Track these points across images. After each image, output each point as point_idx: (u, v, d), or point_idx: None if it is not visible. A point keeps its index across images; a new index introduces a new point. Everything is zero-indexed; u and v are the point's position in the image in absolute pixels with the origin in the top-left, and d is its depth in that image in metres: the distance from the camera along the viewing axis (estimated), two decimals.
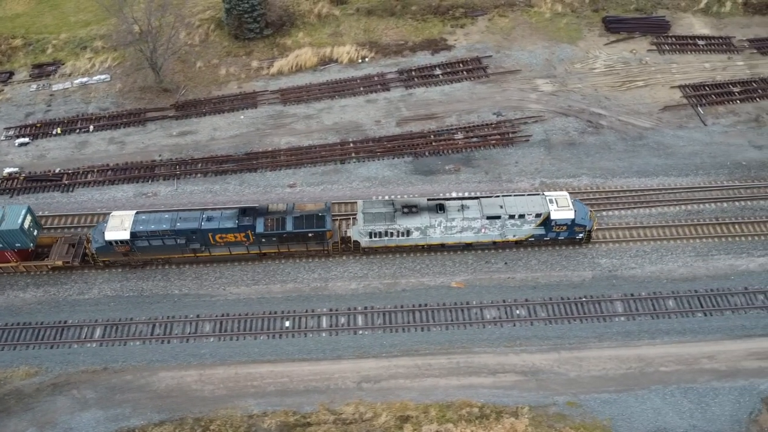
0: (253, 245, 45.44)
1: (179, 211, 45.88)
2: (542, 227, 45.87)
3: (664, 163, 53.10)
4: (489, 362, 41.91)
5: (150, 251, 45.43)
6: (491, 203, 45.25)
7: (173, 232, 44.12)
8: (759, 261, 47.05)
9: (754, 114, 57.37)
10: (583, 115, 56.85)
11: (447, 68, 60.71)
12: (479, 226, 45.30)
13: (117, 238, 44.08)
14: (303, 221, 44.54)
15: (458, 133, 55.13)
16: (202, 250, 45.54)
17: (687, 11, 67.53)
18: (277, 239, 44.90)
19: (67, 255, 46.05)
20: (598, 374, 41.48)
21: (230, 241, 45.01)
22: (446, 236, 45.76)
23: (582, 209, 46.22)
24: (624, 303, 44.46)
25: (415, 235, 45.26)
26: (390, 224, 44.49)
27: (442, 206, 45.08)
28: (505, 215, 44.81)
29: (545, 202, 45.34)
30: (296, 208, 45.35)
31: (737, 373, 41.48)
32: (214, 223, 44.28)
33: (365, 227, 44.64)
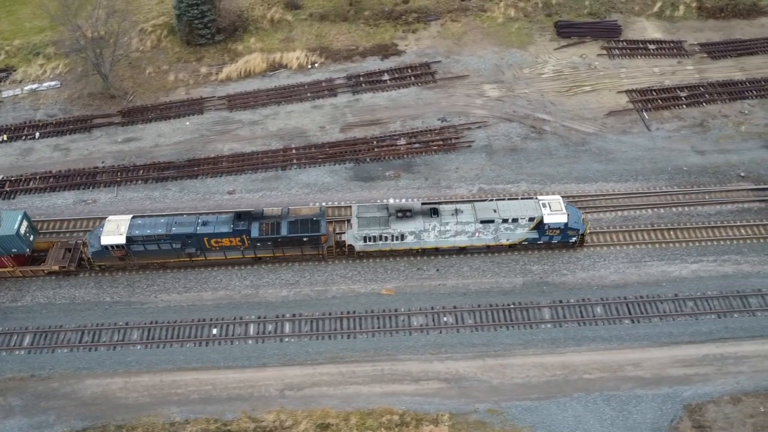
0: (249, 250, 45.91)
1: (175, 216, 46.41)
2: (535, 231, 46.17)
3: (605, 169, 53.12)
4: (413, 369, 42.02)
5: (146, 256, 45.87)
6: (485, 207, 45.78)
7: (169, 236, 44.55)
8: (692, 267, 47.09)
9: (699, 119, 57.36)
10: (528, 120, 56.90)
11: (395, 74, 60.81)
12: (473, 230, 45.68)
13: (113, 242, 44.50)
14: (298, 226, 44.98)
15: (401, 139, 55.22)
16: (197, 254, 45.98)
17: (641, 15, 67.49)
18: (272, 244, 45.38)
19: (63, 260, 46.54)
20: (521, 381, 41.57)
21: (225, 245, 45.48)
22: (440, 240, 46.16)
23: (575, 213, 46.58)
24: (552, 310, 44.51)
25: (410, 239, 45.69)
26: (384, 228, 44.97)
27: (436, 210, 45.62)
28: (498, 219, 45.22)
29: (538, 206, 45.73)
30: (291, 212, 45.87)
31: (661, 380, 41.54)
32: (209, 227, 44.74)
33: (359, 231, 45.08)
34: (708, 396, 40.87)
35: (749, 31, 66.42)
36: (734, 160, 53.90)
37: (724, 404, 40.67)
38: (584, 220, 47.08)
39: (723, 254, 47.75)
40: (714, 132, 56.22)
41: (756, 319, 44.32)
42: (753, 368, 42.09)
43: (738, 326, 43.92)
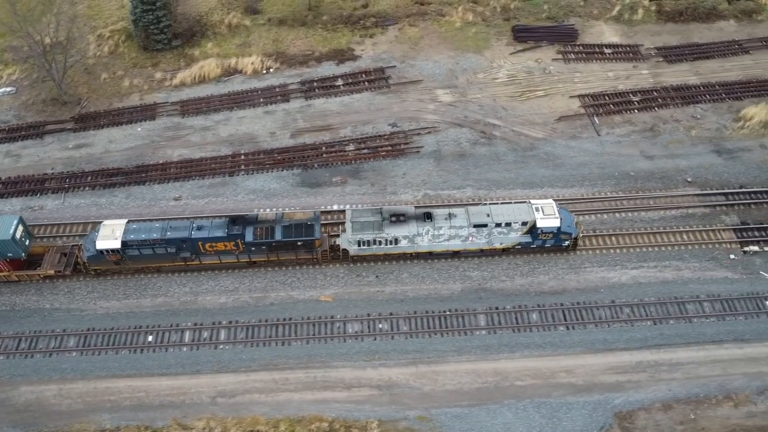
0: (243, 254, 46.27)
1: (170, 220, 46.85)
2: (528, 235, 46.40)
3: (552, 174, 53.13)
4: (346, 376, 42.12)
5: (141, 260, 46.21)
6: (478, 211, 46.09)
7: (164, 241, 44.93)
8: (632, 273, 47.11)
9: (650, 123, 57.33)
10: (478, 125, 56.94)
11: (349, 79, 60.89)
12: (466, 234, 45.97)
13: (108, 247, 44.84)
14: (292, 230, 45.34)
15: (350, 145, 55.32)
16: (192, 258, 46.33)
17: (599, 19, 67.48)
18: (267, 248, 45.74)
19: (59, 264, 46.87)
20: (452, 388, 41.65)
21: (220, 249, 45.85)
22: (434, 244, 46.44)
23: (568, 217, 46.80)
24: (487, 316, 44.55)
25: (403, 243, 46.04)
26: (378, 233, 45.27)
27: (430, 215, 45.89)
28: (491, 223, 45.51)
29: (531, 210, 45.92)
30: (285, 217, 46.28)
31: (593, 387, 41.57)
32: (204, 232, 45.13)
33: (353, 236, 45.41)
34: (639, 403, 40.92)
35: (707, 34, 66.37)
36: (683, 165, 53.88)
37: (655, 411, 40.72)
38: (577, 224, 47.35)
39: (664, 260, 47.78)
40: (664, 137, 56.20)
41: (692, 325, 44.33)
42: (686, 375, 42.12)
43: (674, 333, 43.95)
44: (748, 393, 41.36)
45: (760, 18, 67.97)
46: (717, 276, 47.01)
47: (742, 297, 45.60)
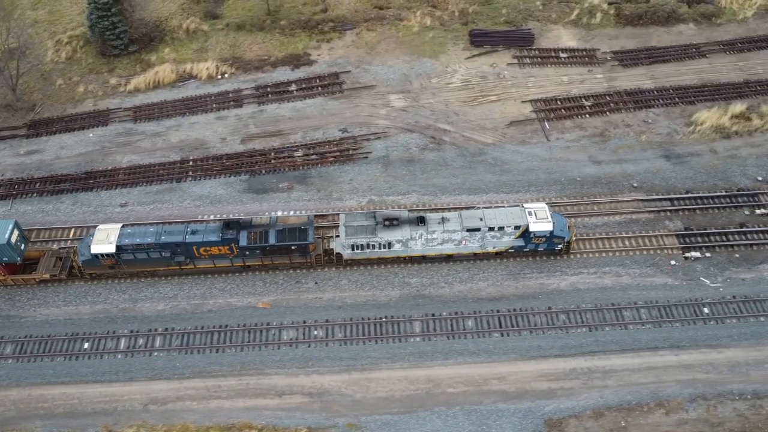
0: (237, 258, 46.51)
1: (164, 225, 47.14)
2: (521, 239, 46.59)
3: (498, 180, 53.13)
4: (278, 384, 42.18)
5: (136, 264, 46.49)
6: (471, 216, 46.29)
7: (158, 245, 45.19)
8: (571, 280, 47.09)
9: (601, 128, 57.29)
10: (428, 131, 56.95)
11: (303, 84, 60.96)
12: (459, 238, 46.14)
13: (103, 251, 45.09)
14: (286, 234, 45.58)
15: (299, 151, 55.38)
16: (186, 262, 46.60)
17: (558, 23, 67.44)
18: (261, 252, 45.98)
19: (54, 268, 47.13)
20: (384, 395, 41.68)
21: (214, 253, 46.08)
22: (427, 248, 46.70)
23: (560, 221, 47.00)
24: (423, 323, 44.57)
25: (397, 247, 46.28)
26: (371, 237, 45.51)
27: (423, 219, 46.15)
28: (484, 227, 45.69)
29: (524, 214, 46.11)
30: (279, 221, 46.56)
31: (525, 394, 41.59)
32: (198, 236, 45.37)
33: (347, 240, 45.66)
34: (570, 410, 40.90)
35: (666, 38, 66.28)
36: (630, 170, 53.82)
37: (585, 419, 40.68)
38: (570, 228, 47.52)
39: (604, 266, 47.76)
40: (614, 141, 56.15)
41: (628, 332, 44.30)
42: (619, 382, 42.10)
43: (609, 339, 43.92)
44: (680, 400, 41.34)
45: (719, 21, 67.86)
46: (657, 282, 46.99)
47: (680, 303, 45.57)
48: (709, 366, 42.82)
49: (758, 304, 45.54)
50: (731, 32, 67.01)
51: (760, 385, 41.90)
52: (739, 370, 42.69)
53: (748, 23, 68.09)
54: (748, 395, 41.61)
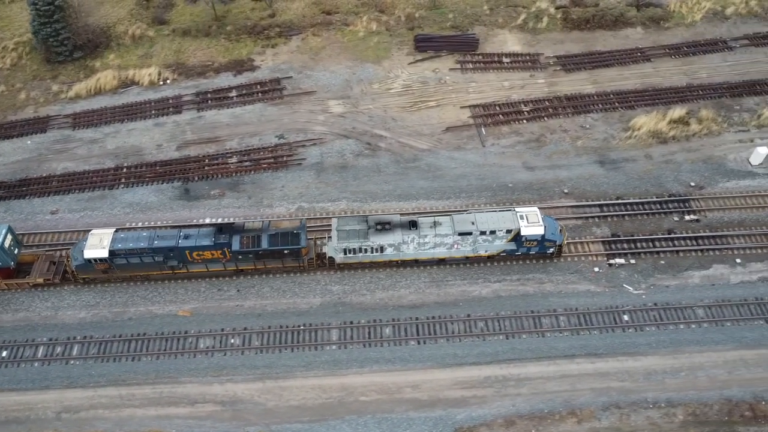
0: (230, 262, 46.74)
1: (157, 229, 47.43)
2: (513, 243, 46.67)
3: (429, 186, 53.09)
4: (192, 392, 42.20)
5: (129, 269, 46.69)
6: (463, 219, 46.40)
7: (151, 249, 45.36)
8: (494, 287, 47.03)
9: (538, 134, 57.20)
10: (365, 137, 56.94)
11: (243, 90, 61.02)
12: (451, 242, 46.29)
13: (96, 256, 45.27)
14: (278, 239, 45.78)
15: (233, 157, 55.43)
16: (179, 267, 46.81)
17: (504, 27, 67.32)
18: (254, 256, 46.19)
19: (48, 272, 47.32)
20: (296, 404, 41.69)
21: (207, 258, 46.31)
22: (419, 252, 46.85)
23: (552, 225, 47.12)
24: (340, 331, 44.56)
25: (389, 251, 46.46)
26: (364, 241, 45.74)
27: (415, 223, 46.27)
28: (476, 231, 45.84)
29: (516, 218, 46.25)
30: (272, 225, 46.75)
31: (437, 402, 41.55)
32: (191, 240, 45.56)
33: (339, 244, 45.84)
34: (481, 419, 40.87)
35: (612, 42, 66.15)
36: (563, 176, 53.74)
37: (497, 427, 40.63)
38: (562, 231, 47.61)
39: (528, 273, 47.70)
40: (549, 147, 56.06)
41: (545, 339, 44.23)
42: (533, 390, 42.04)
43: (525, 347, 43.86)
44: (593, 409, 41.26)
45: (667, 25, 67.69)
46: (579, 289, 46.90)
47: (600, 311, 45.49)
48: (624, 374, 42.74)
49: (679, 312, 45.44)
50: (679, 36, 66.84)
51: (675, 394, 41.84)
52: (654, 378, 42.62)
53: (696, 27, 67.88)
54: (662, 403, 41.53)
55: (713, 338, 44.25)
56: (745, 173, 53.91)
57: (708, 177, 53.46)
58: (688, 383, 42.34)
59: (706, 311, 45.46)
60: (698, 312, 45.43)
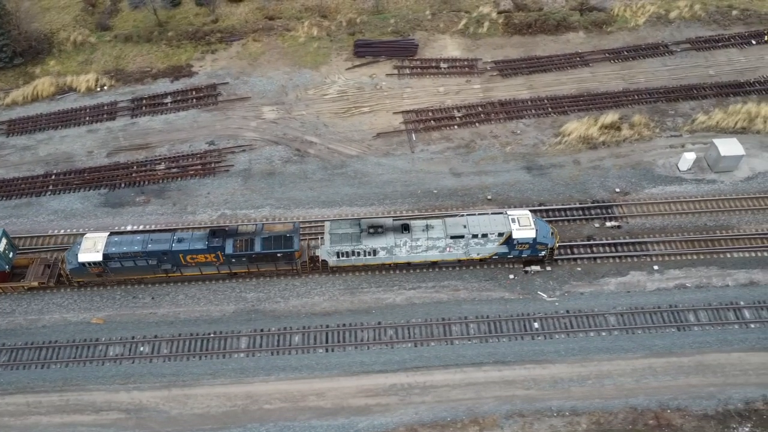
0: (224, 265, 47.02)
1: (151, 233, 47.75)
2: (505, 246, 46.88)
3: (354, 193, 53.12)
4: (98, 400, 42.39)
5: (123, 272, 47.00)
6: (455, 223, 46.77)
7: (145, 253, 45.65)
8: (408, 294, 47.05)
9: (468, 140, 57.15)
10: (295, 143, 57.01)
11: (178, 96, 61.11)
12: (444, 245, 46.53)
13: (90, 259, 45.57)
14: (271, 242, 46.05)
15: (162, 164, 55.58)
16: (173, 270, 47.13)
17: (445, 33, 67.27)
18: (247, 259, 46.47)
19: (42, 276, 47.56)
20: (200, 412, 41.82)
21: (201, 261, 46.58)
22: (412, 255, 47.09)
23: (544, 228, 47.34)
24: (250, 339, 44.70)
25: (382, 254, 46.73)
26: (356, 245, 46.01)
27: (407, 226, 46.58)
28: (468, 235, 46.12)
29: (507, 221, 46.52)
30: (265, 229, 47.04)
31: (340, 410, 41.63)
32: (184, 244, 45.88)
33: (332, 247, 46.13)
34: (383, 427, 40.93)
35: (552, 47, 66.03)
36: (489, 182, 53.71)
37: None
38: (554, 234, 47.74)
39: (443, 280, 47.72)
40: (478, 153, 56.02)
41: (453, 347, 44.26)
42: (437, 398, 42.09)
43: (433, 354, 43.91)
44: (496, 416, 41.32)
45: (609, 30, 67.56)
46: (493, 296, 46.94)
47: (510, 318, 45.53)
48: (531, 382, 42.78)
49: (590, 319, 45.47)
50: (620, 40, 66.68)
51: (580, 402, 41.85)
52: (561, 386, 42.63)
53: (639, 31, 67.71)
54: (567, 412, 41.54)
55: (623, 346, 44.32)
56: (672, 179, 53.86)
57: (634, 183, 53.44)
58: (594, 391, 42.40)
59: (617, 319, 45.52)
60: (610, 319, 45.50)
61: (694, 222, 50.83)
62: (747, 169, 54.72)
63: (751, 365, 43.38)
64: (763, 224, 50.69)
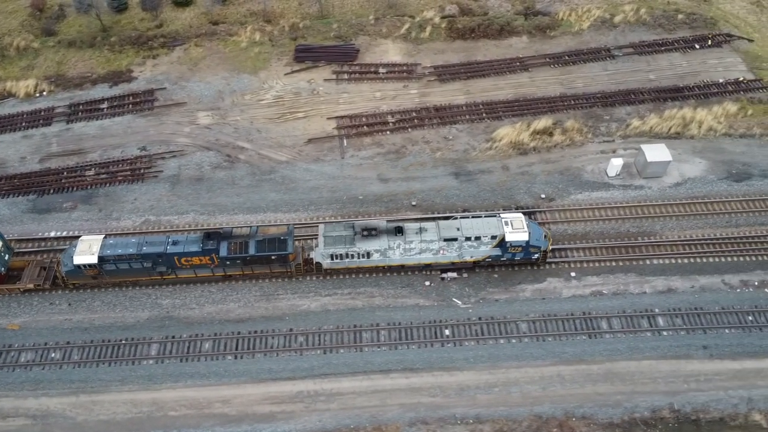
0: (218, 268, 47.40)
1: (146, 236, 48.25)
2: (498, 248, 47.09)
3: (281, 199, 53.20)
4: (5, 406, 42.47)
5: (118, 274, 47.38)
6: (448, 226, 47.06)
7: (140, 255, 46.00)
8: (323, 301, 47.13)
9: (399, 145, 57.17)
10: (226, 149, 57.13)
11: (115, 101, 61.31)
12: (437, 248, 46.80)
13: (85, 262, 45.95)
14: (265, 245, 46.35)
15: (92, 170, 55.75)
16: (168, 272, 47.48)
17: (388, 37, 67.30)
18: (241, 262, 46.78)
19: (38, 278, 48.01)
20: (106, 418, 41.97)
21: (195, 264, 46.97)
22: (406, 258, 47.35)
23: (537, 231, 47.56)
24: (160, 345, 44.79)
25: (375, 256, 47.03)
26: (350, 247, 46.32)
27: (401, 229, 46.90)
28: (461, 237, 46.41)
29: (500, 224, 46.75)
30: (259, 231, 47.34)
31: (245, 417, 41.74)
32: (179, 247, 46.19)
33: (326, 250, 46.47)
34: None
35: (494, 51, 66.02)
36: (416, 187, 53.71)
37: None
38: (547, 237, 47.95)
39: (360, 287, 47.77)
40: (408, 159, 56.03)
41: (362, 354, 44.30)
42: (342, 405, 42.14)
43: (342, 362, 43.97)
44: (399, 424, 41.35)
45: (552, 34, 67.51)
46: (408, 303, 46.97)
47: (422, 325, 45.57)
48: (437, 389, 42.80)
49: (502, 326, 45.46)
50: (563, 45, 66.67)
51: (484, 409, 41.85)
52: (467, 393, 42.65)
53: (582, 35, 67.68)
54: (470, 420, 41.55)
55: (533, 353, 44.32)
56: (600, 185, 53.78)
57: (561, 189, 53.39)
58: (499, 399, 42.41)
59: (529, 326, 45.51)
60: (521, 326, 45.49)
61: (617, 228, 50.83)
62: (677, 174, 54.73)
63: (661, 373, 43.39)
64: (686, 230, 50.75)
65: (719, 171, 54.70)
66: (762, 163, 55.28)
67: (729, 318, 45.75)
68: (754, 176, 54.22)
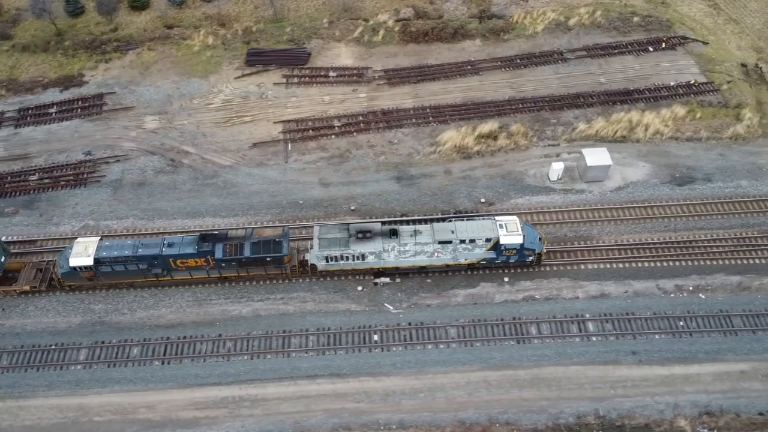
0: (214, 270, 47.65)
1: (141, 237, 48.63)
2: (493, 251, 47.21)
3: (221, 203, 53.27)
4: None
5: (114, 276, 47.64)
6: (443, 228, 47.16)
7: (135, 257, 46.27)
8: (255, 306, 47.20)
9: (343, 149, 57.19)
10: (170, 153, 57.22)
11: (64, 106, 61.47)
12: (431, 250, 46.95)
13: (81, 264, 46.22)
14: (260, 247, 46.55)
15: (35, 174, 55.92)
16: (164, 274, 47.71)
17: (341, 41, 67.34)
18: (237, 264, 47.03)
19: (34, 280, 48.36)
20: (30, 423, 42.08)
21: (191, 265, 47.19)
22: (400, 260, 47.49)
23: (531, 233, 47.65)
24: (89, 351, 44.89)
25: (370, 259, 47.12)
26: (345, 249, 46.47)
27: (395, 231, 47.03)
28: (456, 240, 46.50)
29: (495, 227, 46.86)
30: (255, 233, 47.48)
31: (168, 423, 41.81)
32: (174, 249, 46.46)
33: (321, 252, 46.63)
34: None
35: (447, 55, 65.95)
36: (356, 192, 53.70)
37: None
38: (542, 240, 48.07)
39: (292, 292, 47.85)
40: (351, 163, 56.05)
41: (289, 360, 44.36)
42: (266, 411, 42.18)
43: (268, 367, 44.02)
44: (322, 430, 41.31)
45: (506, 37, 67.44)
46: (340, 308, 47.01)
47: (351, 330, 45.59)
48: (362, 395, 42.81)
49: (431, 331, 45.45)
50: (516, 48, 66.58)
51: (408, 415, 41.85)
52: (392, 399, 42.65)
53: (536, 38, 67.57)
54: (394, 425, 41.53)
55: (460, 359, 44.30)
56: (541, 189, 53.74)
57: (502, 193, 53.35)
58: (424, 405, 42.40)
59: (458, 331, 45.49)
60: (450, 332, 45.48)
61: (554, 233, 50.77)
62: (619, 178, 54.64)
63: (588, 378, 43.34)
64: (624, 235, 50.69)
65: (662, 175, 54.62)
66: (706, 167, 55.21)
67: (660, 323, 45.72)
68: (698, 180, 54.17)
